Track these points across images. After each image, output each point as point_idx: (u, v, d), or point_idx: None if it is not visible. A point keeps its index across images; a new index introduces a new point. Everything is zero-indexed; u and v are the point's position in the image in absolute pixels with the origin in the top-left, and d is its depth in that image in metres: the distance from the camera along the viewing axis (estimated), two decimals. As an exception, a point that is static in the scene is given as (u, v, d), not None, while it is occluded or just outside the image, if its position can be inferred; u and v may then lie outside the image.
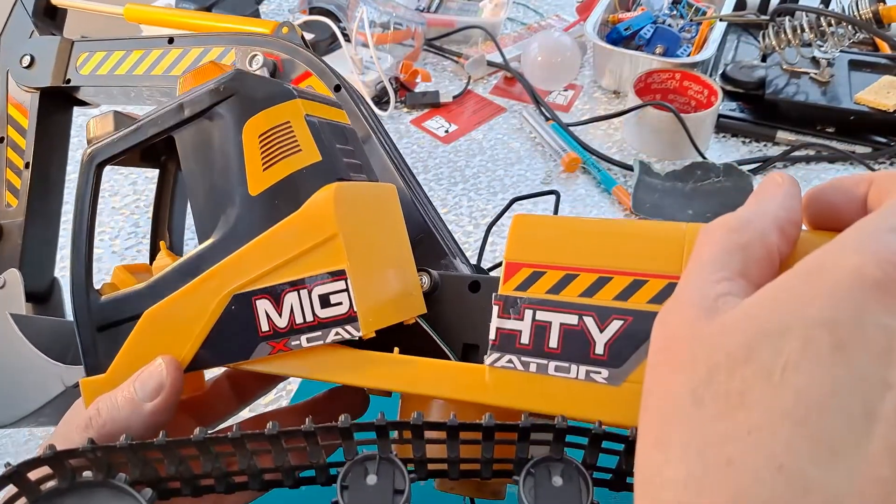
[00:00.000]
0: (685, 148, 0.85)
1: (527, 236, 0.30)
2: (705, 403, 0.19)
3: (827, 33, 0.84)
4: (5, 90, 0.59)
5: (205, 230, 0.33)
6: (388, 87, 0.92)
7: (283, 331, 0.31)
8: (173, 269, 0.33)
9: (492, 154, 0.89)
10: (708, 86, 0.88)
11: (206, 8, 1.01)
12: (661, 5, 1.02)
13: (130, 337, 0.33)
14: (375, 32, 0.97)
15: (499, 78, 1.01)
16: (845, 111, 0.87)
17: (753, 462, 0.17)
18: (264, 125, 0.32)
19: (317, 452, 0.28)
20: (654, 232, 0.28)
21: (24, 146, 0.57)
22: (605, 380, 0.27)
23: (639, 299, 0.27)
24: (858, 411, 0.17)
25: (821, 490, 0.16)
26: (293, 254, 0.31)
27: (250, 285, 0.31)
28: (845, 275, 0.18)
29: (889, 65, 0.93)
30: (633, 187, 0.81)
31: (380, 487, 0.26)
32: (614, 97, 0.97)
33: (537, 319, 0.28)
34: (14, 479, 0.25)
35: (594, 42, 0.95)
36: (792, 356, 0.18)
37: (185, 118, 0.33)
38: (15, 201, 0.57)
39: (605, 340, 0.27)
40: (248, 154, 0.32)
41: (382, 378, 0.31)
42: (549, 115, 0.92)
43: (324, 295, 0.30)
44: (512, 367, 0.28)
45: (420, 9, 1.08)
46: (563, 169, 0.85)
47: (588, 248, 0.29)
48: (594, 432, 0.26)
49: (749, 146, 0.89)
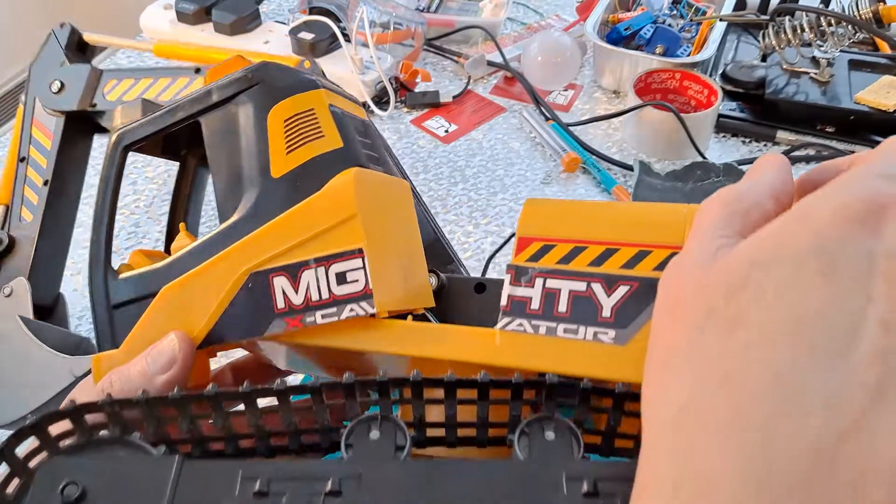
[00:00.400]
0: (685, 148, 0.85)
1: (538, 215, 0.31)
2: (706, 331, 0.21)
3: (827, 33, 0.84)
4: (31, 113, 0.63)
5: (226, 211, 0.34)
6: (388, 87, 0.93)
7: (298, 307, 0.31)
8: (192, 249, 0.34)
9: (492, 154, 0.89)
10: (708, 86, 0.88)
11: (205, 9, 1.01)
12: (661, 5, 1.02)
13: (146, 313, 0.33)
14: (375, 32, 0.97)
15: (499, 78, 1.01)
16: (845, 111, 0.87)
17: (752, 372, 0.19)
18: (289, 111, 0.34)
19: (322, 412, 0.28)
20: (657, 209, 0.30)
21: (45, 165, 0.61)
22: (611, 340, 0.28)
23: (644, 267, 0.29)
24: (845, 322, 0.18)
25: (815, 393, 0.18)
26: (312, 233, 0.31)
27: (268, 263, 0.32)
28: (831, 211, 0.20)
29: (889, 65, 0.93)
30: (633, 187, 0.81)
31: (382, 443, 0.26)
32: (614, 97, 0.97)
33: (547, 287, 0.30)
34: (36, 432, 0.26)
35: (594, 42, 0.95)
36: (784, 280, 0.20)
37: (213, 103, 0.35)
38: (30, 216, 0.61)
39: (611, 304, 0.29)
40: (273, 138, 0.34)
41: (394, 342, 0.31)
42: (549, 115, 0.92)
43: (341, 273, 0.31)
44: (522, 329, 0.30)
45: (420, 9, 1.08)
46: (563, 169, 0.85)
47: (595, 225, 0.30)
48: (583, 387, 0.27)
49: (749, 146, 0.89)
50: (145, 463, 0.27)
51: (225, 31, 1.00)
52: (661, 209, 0.30)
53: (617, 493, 0.24)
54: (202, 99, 0.35)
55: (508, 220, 0.79)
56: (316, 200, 0.32)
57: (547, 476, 0.25)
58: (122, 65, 1.03)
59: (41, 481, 0.25)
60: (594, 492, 0.24)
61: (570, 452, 0.26)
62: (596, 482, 0.24)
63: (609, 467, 0.25)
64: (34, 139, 0.63)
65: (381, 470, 0.25)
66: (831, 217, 0.20)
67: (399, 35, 1.00)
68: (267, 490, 0.24)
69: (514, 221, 0.79)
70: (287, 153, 0.34)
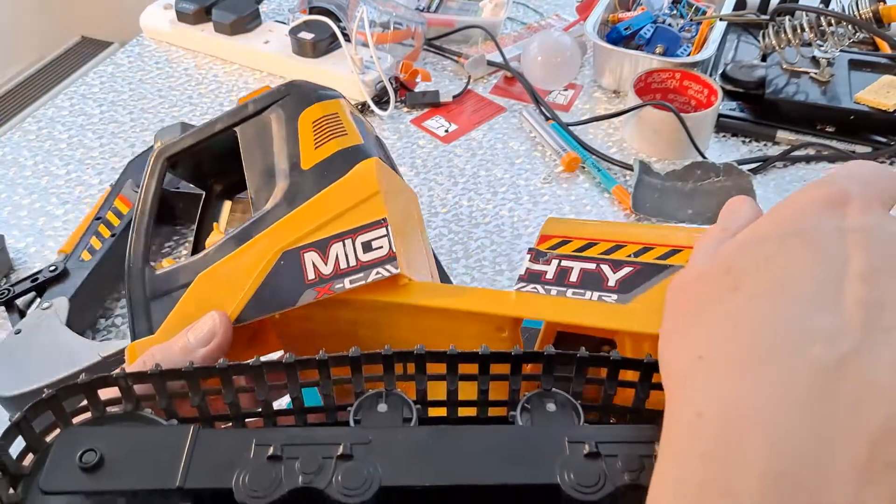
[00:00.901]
0: (685, 148, 0.85)
1: (559, 223, 0.36)
2: (713, 297, 0.24)
3: (827, 33, 0.84)
4: (119, 190, 0.75)
5: (259, 202, 0.38)
6: (388, 87, 0.93)
7: (327, 276, 0.34)
8: (226, 239, 0.37)
9: (492, 154, 0.89)
10: (708, 85, 0.88)
11: (205, 8, 1.01)
12: (661, 5, 1.02)
13: (183, 298, 0.36)
14: (375, 32, 0.97)
15: (499, 77, 1.01)
16: (845, 111, 0.87)
17: (756, 318, 0.22)
18: (317, 114, 0.39)
19: (327, 384, 0.29)
20: (661, 227, 0.35)
21: (117, 224, 0.71)
22: (614, 301, 0.32)
23: (647, 257, 0.33)
24: (830, 277, 0.22)
25: (813, 330, 0.21)
26: (339, 211, 0.35)
27: (298, 242, 0.35)
28: (807, 200, 0.25)
29: (889, 64, 0.93)
30: (633, 187, 0.81)
31: (390, 415, 0.27)
32: (614, 97, 0.97)
33: (562, 265, 0.34)
34: (51, 406, 0.27)
35: (594, 42, 0.95)
36: (772, 252, 0.24)
37: (249, 114, 0.40)
38: (89, 257, 0.69)
39: (617, 278, 0.33)
40: (303, 137, 0.39)
41: (418, 296, 0.34)
42: (549, 115, 0.92)
43: (366, 241, 0.34)
44: (535, 291, 0.34)
45: (420, 8, 1.08)
46: (563, 168, 0.85)
47: (606, 231, 0.35)
48: (579, 356, 0.28)
49: (749, 146, 0.89)
50: (161, 431, 0.27)
51: (225, 30, 1.00)
52: (665, 227, 0.35)
53: (618, 455, 0.25)
54: (238, 112, 0.41)
55: (508, 220, 0.79)
56: (341, 184, 0.36)
57: (549, 439, 0.26)
58: (123, 66, 1.03)
59: (59, 449, 0.26)
60: (596, 452, 0.25)
61: (572, 421, 0.27)
62: (597, 444, 0.25)
63: (610, 430, 0.26)
64: (114, 206, 0.73)
65: (389, 434, 0.26)
66: (807, 204, 0.24)
67: (399, 35, 1.00)
68: (280, 454, 0.25)
69: (514, 221, 0.79)
70: (315, 148, 0.38)
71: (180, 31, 1.04)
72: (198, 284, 0.36)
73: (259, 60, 1.00)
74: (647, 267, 0.33)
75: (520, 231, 0.78)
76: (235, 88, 0.98)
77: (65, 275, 0.67)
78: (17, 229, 0.78)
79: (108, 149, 0.89)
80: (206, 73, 1.01)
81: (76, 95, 0.98)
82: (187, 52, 1.04)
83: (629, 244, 0.34)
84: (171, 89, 0.98)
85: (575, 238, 0.35)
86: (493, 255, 0.75)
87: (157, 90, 0.98)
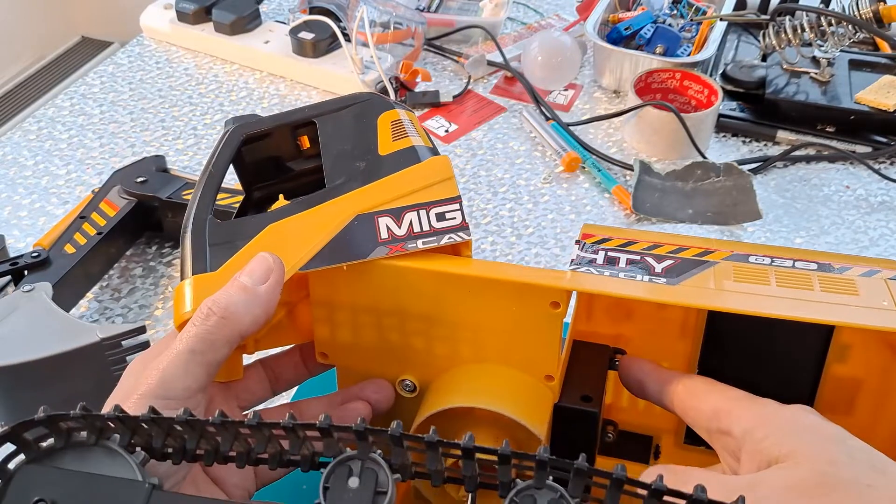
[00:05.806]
0: (685, 148, 0.85)
1: (594, 228, 0.40)
2: None
3: (827, 33, 0.84)
4: (105, 195, 0.74)
5: (334, 176, 0.40)
6: (388, 87, 0.92)
7: (401, 237, 0.37)
8: (297, 200, 0.39)
9: (492, 154, 0.89)
10: (708, 85, 0.88)
11: (205, 8, 1.01)
12: (661, 5, 1.02)
13: (250, 243, 0.37)
14: (375, 32, 0.97)
15: (499, 77, 1.01)
16: (845, 111, 0.87)
17: None
18: (395, 117, 0.43)
19: (297, 444, 0.29)
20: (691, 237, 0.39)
21: (103, 224, 0.71)
22: (664, 283, 0.35)
23: (683, 255, 0.37)
24: None
25: None
26: (414, 188, 0.38)
27: (374, 209, 0.38)
28: None
29: (889, 64, 0.93)
30: (633, 187, 0.81)
31: (361, 491, 0.26)
32: (614, 97, 0.97)
33: (608, 255, 0.37)
34: (12, 438, 0.27)
35: (594, 42, 0.95)
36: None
37: (329, 110, 0.44)
38: (73, 250, 0.68)
39: (662, 267, 0.36)
40: (381, 131, 0.42)
41: (479, 270, 0.37)
42: (549, 115, 0.92)
43: (440, 213, 0.37)
44: (587, 272, 0.36)
45: (420, 8, 1.08)
46: (563, 168, 0.85)
47: (641, 234, 0.40)
48: (577, 467, 0.25)
49: (749, 146, 0.89)
50: (118, 485, 0.27)
51: (225, 30, 1.00)
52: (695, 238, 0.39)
53: None
54: (320, 106, 0.44)
55: (508, 220, 0.79)
56: (417, 168, 0.39)
57: None
58: (123, 66, 1.03)
59: (16, 492, 0.26)
60: None
61: None
62: None
63: None
64: (100, 208, 0.73)
65: None
66: None
67: (399, 35, 1.00)
68: None
69: (514, 221, 0.79)
70: (392, 141, 0.41)
71: (180, 31, 1.04)
72: (268, 233, 0.38)
73: (259, 60, 1.00)
74: (687, 261, 0.36)
75: (520, 231, 0.78)
76: (235, 88, 0.98)
77: (47, 262, 0.65)
78: (18, 229, 0.78)
79: (108, 149, 0.89)
80: (206, 73, 1.01)
81: (76, 95, 0.98)
82: (187, 52, 1.04)
83: (665, 244, 0.38)
84: (171, 89, 0.98)
85: (615, 237, 0.38)
86: (493, 255, 0.75)
87: (157, 90, 0.98)
